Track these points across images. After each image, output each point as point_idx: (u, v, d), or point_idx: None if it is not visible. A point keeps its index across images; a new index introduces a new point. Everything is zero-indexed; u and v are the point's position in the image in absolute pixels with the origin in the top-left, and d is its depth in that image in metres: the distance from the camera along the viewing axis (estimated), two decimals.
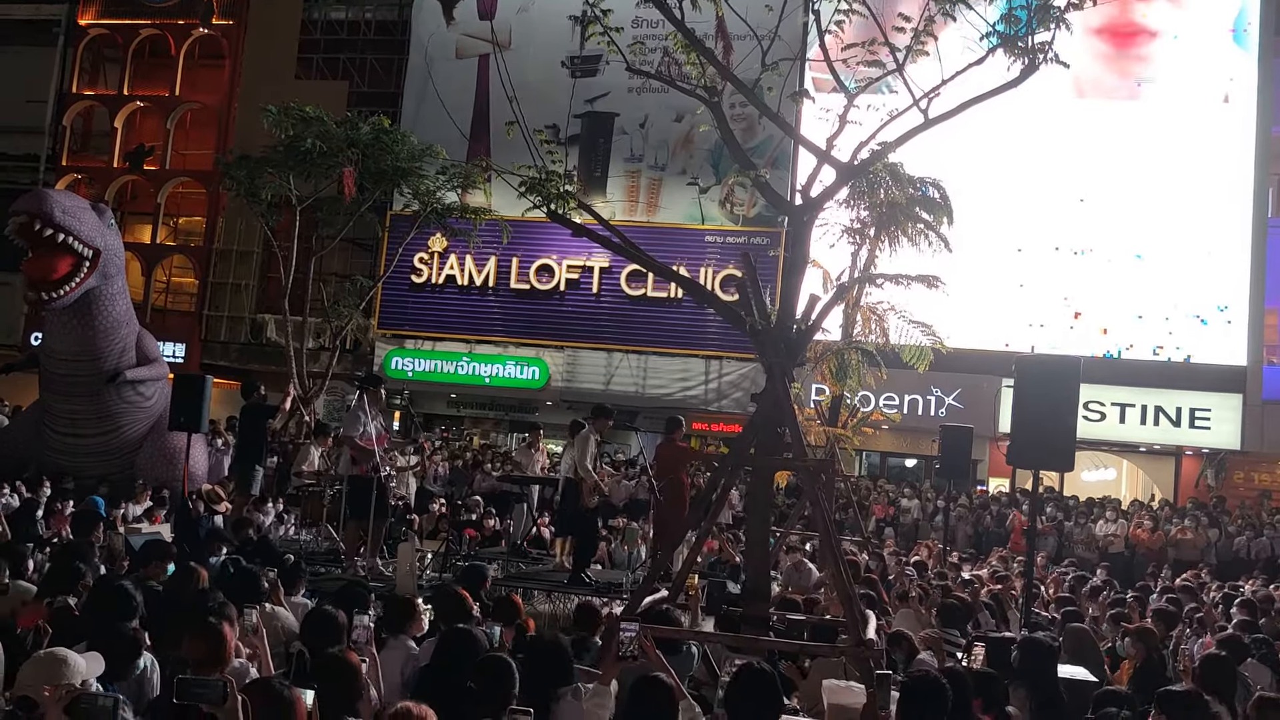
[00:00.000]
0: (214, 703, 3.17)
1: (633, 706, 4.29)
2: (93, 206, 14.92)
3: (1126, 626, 8.84)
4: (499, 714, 3.73)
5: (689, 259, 22.92)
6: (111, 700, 3.14)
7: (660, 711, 4.26)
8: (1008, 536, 18.59)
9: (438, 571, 10.80)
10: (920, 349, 15.73)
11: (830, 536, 6.21)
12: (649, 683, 4.38)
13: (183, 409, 11.75)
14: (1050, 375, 7.51)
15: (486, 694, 4.00)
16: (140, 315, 18.13)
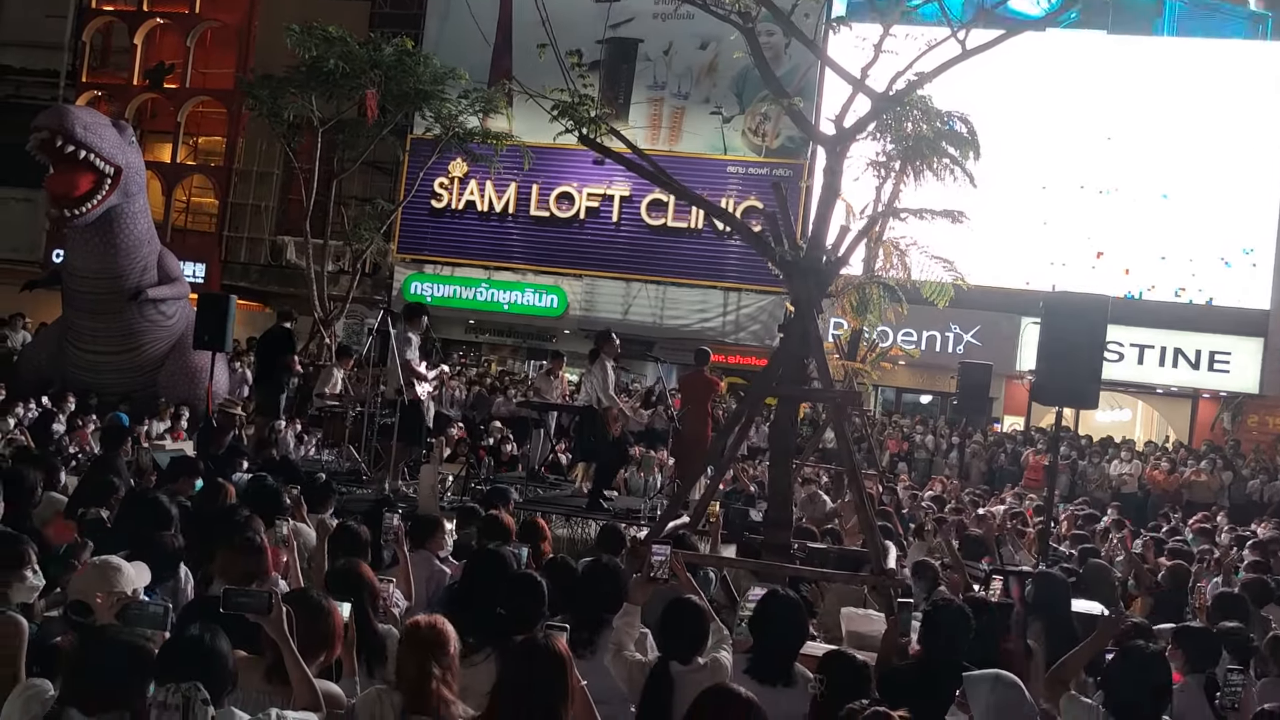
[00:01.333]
0: (260, 612, 3.23)
1: (665, 627, 4.36)
2: (114, 123, 14.88)
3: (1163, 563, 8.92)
4: (531, 629, 3.79)
5: (710, 189, 22.68)
6: (161, 608, 3.21)
7: (692, 632, 4.33)
8: (1021, 474, 18.65)
9: (458, 494, 10.91)
10: (941, 285, 15.63)
11: (854, 468, 6.25)
12: (682, 604, 4.45)
13: (207, 328, 11.82)
14: (1078, 313, 7.47)
15: (518, 611, 4.06)
16: (161, 234, 18.17)
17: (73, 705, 2.78)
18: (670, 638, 4.33)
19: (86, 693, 2.80)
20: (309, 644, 3.42)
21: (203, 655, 2.89)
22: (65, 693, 2.83)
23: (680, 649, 4.32)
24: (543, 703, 3.13)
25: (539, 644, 3.25)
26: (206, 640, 2.95)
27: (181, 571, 5.24)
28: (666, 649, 4.33)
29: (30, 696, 2.92)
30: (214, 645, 2.94)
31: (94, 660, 2.88)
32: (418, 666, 3.32)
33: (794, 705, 4.40)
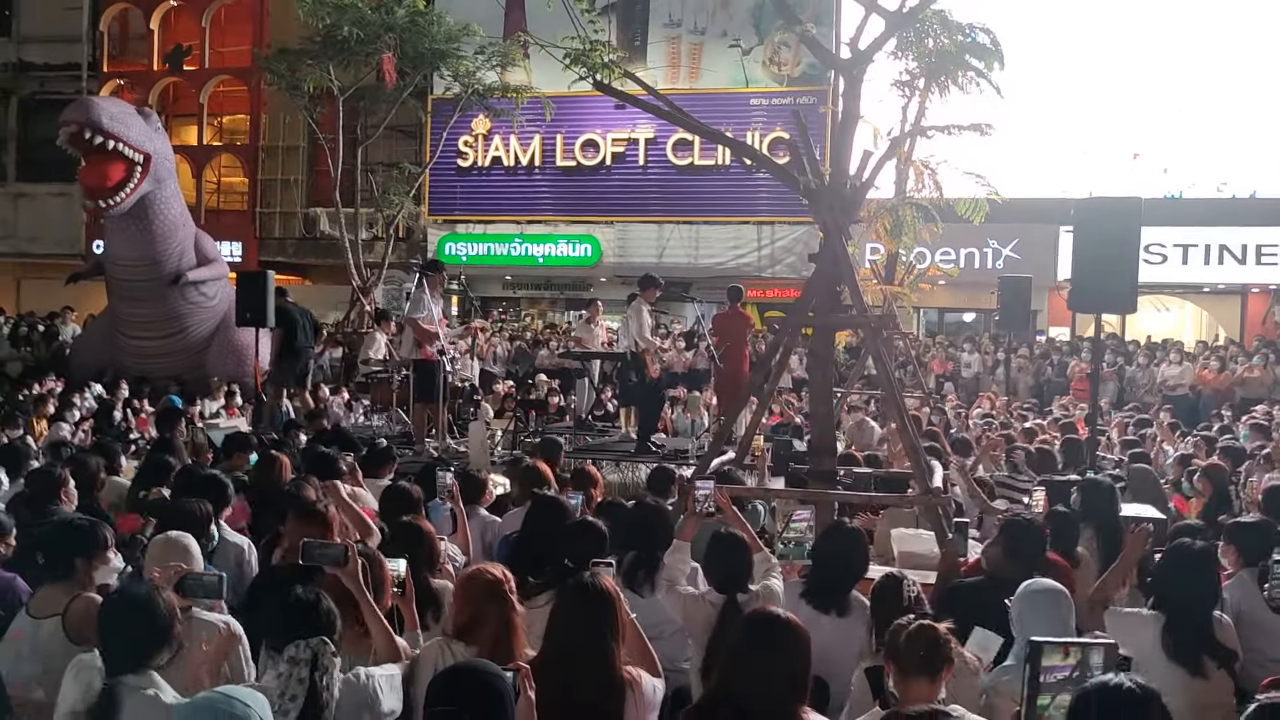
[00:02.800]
0: (337, 563, 3.36)
1: (710, 561, 4.46)
2: (138, 111, 15.05)
3: (1198, 464, 8.88)
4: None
5: (735, 124, 22.45)
6: (216, 577, 3.34)
7: (735, 562, 4.42)
8: (1069, 385, 18.50)
9: (508, 448, 11.07)
10: (975, 201, 15.40)
11: (893, 390, 6.28)
12: (722, 538, 4.54)
13: (248, 305, 11.98)
14: (1110, 217, 7.37)
15: (581, 556, 4.16)
16: (195, 217, 18.38)
17: (114, 670, 2.94)
18: (717, 571, 4.43)
19: (115, 653, 2.96)
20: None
21: (319, 615, 3.04)
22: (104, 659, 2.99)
23: (728, 580, 4.41)
24: (594, 638, 3.23)
25: (587, 582, 3.34)
26: (323, 603, 3.10)
27: (244, 542, 5.43)
28: (718, 583, 4.42)
29: (82, 667, 3.07)
30: (329, 607, 3.09)
31: (110, 621, 3.03)
32: (474, 614, 3.43)
33: (850, 633, 4.49)
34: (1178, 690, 4.05)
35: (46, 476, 5.74)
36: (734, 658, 3.12)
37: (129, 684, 2.94)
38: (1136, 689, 2.46)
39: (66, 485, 5.62)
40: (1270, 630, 4.70)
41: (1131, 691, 2.45)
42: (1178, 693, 4.04)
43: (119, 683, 2.93)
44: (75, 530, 4.00)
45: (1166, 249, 22.14)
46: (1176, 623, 4.13)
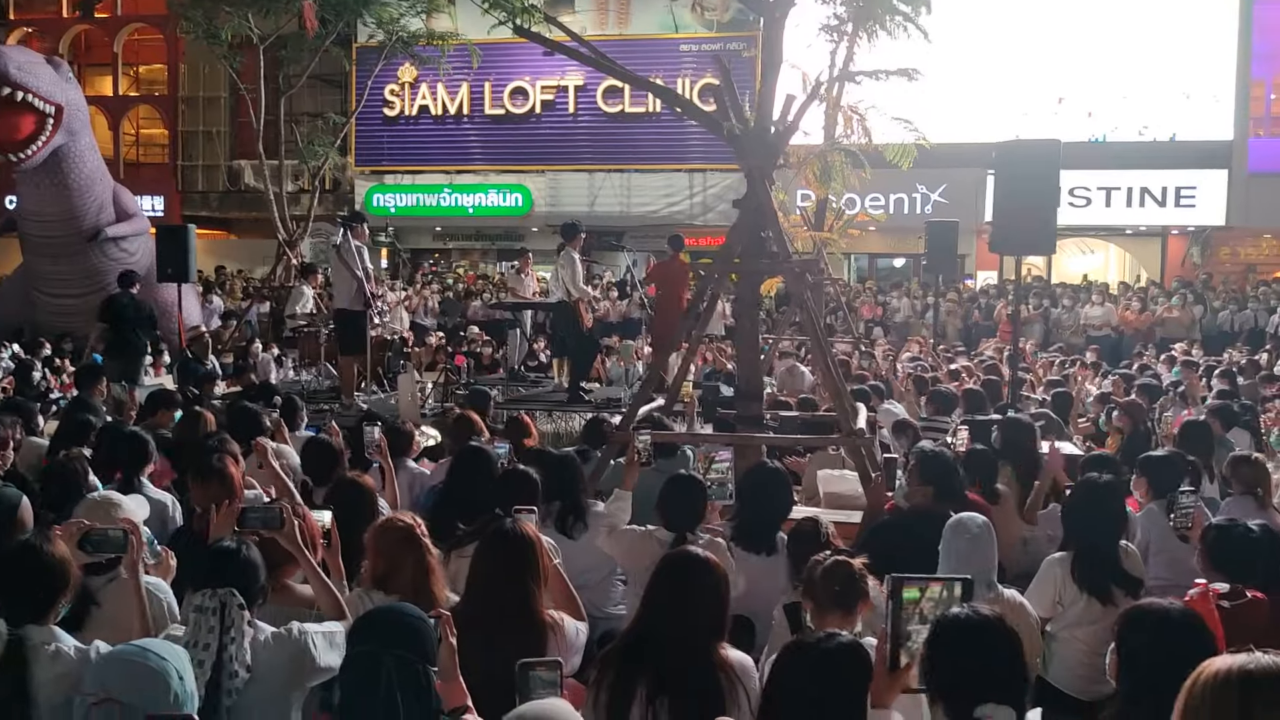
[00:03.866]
0: (274, 527, 3.35)
1: (668, 502, 4.51)
2: (48, 61, 14.57)
3: (1116, 401, 9.12)
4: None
5: (665, 71, 22.27)
6: (121, 532, 3.29)
7: (690, 504, 4.51)
8: (997, 328, 18.84)
9: (439, 400, 11.01)
10: (903, 146, 15.54)
11: (818, 334, 6.34)
12: (681, 479, 4.64)
13: (169, 260, 11.72)
14: (1030, 160, 7.47)
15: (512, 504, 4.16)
16: (113, 171, 17.89)
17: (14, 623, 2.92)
18: (670, 511, 4.47)
19: (13, 605, 2.94)
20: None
21: (237, 565, 3.01)
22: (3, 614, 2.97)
23: (684, 521, 4.45)
24: (514, 583, 3.25)
25: (507, 529, 3.36)
26: (242, 551, 3.07)
27: (167, 498, 5.36)
28: (671, 523, 4.46)
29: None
30: (248, 557, 3.07)
31: (3, 573, 3.00)
32: (391, 560, 3.43)
33: (776, 572, 4.57)
34: (1094, 619, 4.21)
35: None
36: (652, 595, 3.17)
37: (33, 638, 2.91)
38: (976, 615, 2.59)
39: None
40: (1178, 559, 4.86)
41: (971, 618, 2.58)
42: (1093, 622, 4.21)
43: (22, 635, 2.90)
44: None
45: (1091, 192, 22.54)
46: (1084, 555, 4.27)
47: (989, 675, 2.47)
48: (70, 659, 2.89)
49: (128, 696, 2.20)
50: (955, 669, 2.49)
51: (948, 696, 2.49)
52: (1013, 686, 2.49)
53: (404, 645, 2.47)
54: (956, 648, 2.51)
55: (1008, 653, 2.54)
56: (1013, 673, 2.52)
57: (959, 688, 2.47)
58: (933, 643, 2.53)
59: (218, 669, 2.81)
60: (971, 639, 2.52)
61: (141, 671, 2.28)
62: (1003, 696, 2.43)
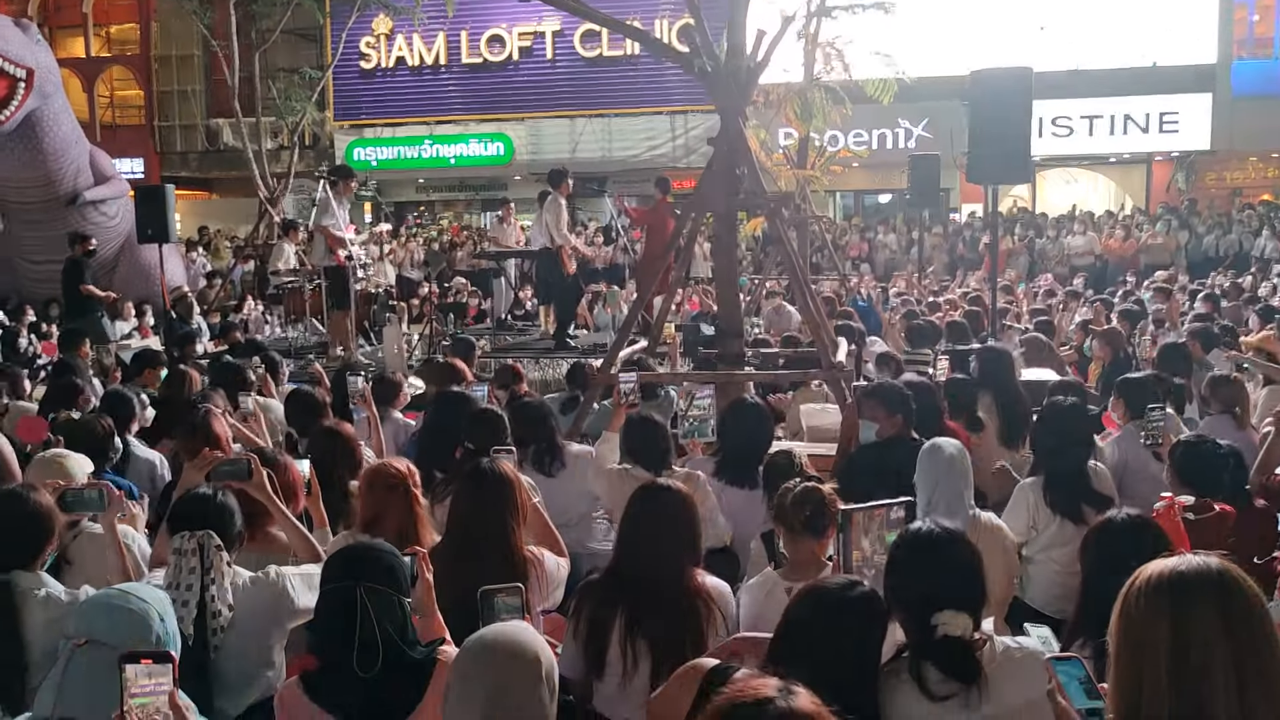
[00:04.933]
0: (243, 479, 3.40)
1: (632, 443, 4.61)
2: (15, 24, 14.37)
3: (1094, 329, 9.19)
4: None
5: (642, 13, 22.03)
6: (98, 491, 3.35)
7: (658, 441, 4.60)
8: (982, 261, 18.87)
9: (425, 352, 11.05)
10: (884, 81, 15.45)
11: (796, 269, 6.37)
12: (643, 421, 4.70)
13: (149, 221, 11.64)
14: (1004, 87, 7.45)
15: (480, 443, 4.23)
16: (89, 134, 17.73)
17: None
18: (640, 452, 4.54)
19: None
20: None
21: (214, 510, 3.08)
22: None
23: (653, 461, 4.52)
24: (493, 520, 3.31)
25: (485, 468, 3.41)
26: (217, 497, 3.14)
27: (155, 457, 5.42)
28: (641, 462, 4.53)
29: None
30: (223, 501, 3.13)
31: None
32: (379, 505, 3.50)
33: (759, 504, 4.64)
34: (1066, 540, 4.30)
35: None
36: (624, 526, 3.27)
37: (20, 584, 2.98)
38: (934, 530, 2.68)
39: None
40: (1153, 477, 4.94)
41: (928, 533, 2.67)
42: (1066, 543, 4.29)
43: (10, 580, 2.98)
44: None
45: (1072, 121, 22.43)
46: (1053, 477, 4.35)
47: (945, 586, 2.53)
48: (62, 602, 2.99)
49: (110, 638, 2.26)
50: (913, 581, 2.56)
51: (907, 608, 2.55)
52: (969, 596, 2.55)
53: (377, 579, 2.52)
54: (913, 561, 2.59)
55: (963, 564, 2.60)
56: (968, 583, 2.57)
57: (917, 599, 2.53)
58: (891, 558, 2.60)
59: (201, 608, 2.88)
60: (927, 552, 2.59)
61: (123, 614, 2.33)
62: (959, 606, 2.50)
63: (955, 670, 2.47)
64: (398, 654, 2.48)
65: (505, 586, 2.62)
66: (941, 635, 2.47)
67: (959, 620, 2.47)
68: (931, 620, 2.47)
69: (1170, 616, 1.83)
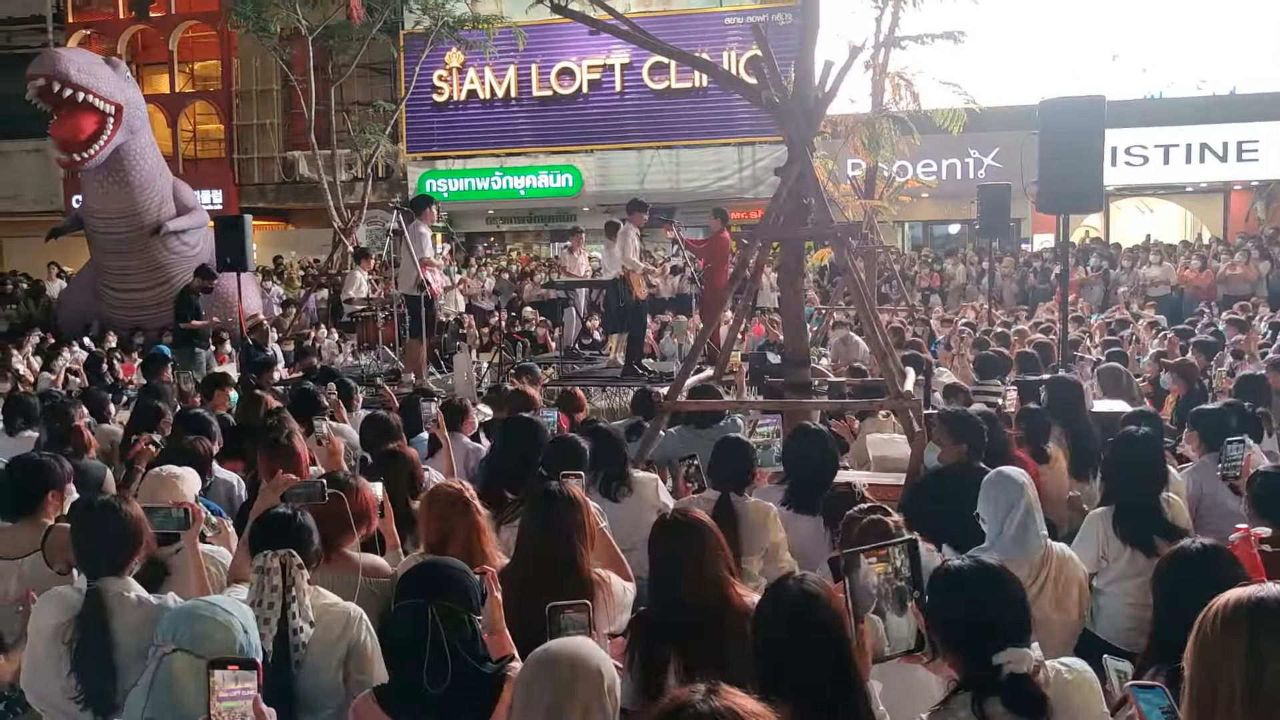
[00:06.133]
0: (318, 500, 3.49)
1: (717, 462, 4.63)
2: (106, 61, 14.92)
3: (1166, 362, 9.02)
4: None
5: (710, 45, 22.19)
6: (183, 510, 3.46)
7: (741, 465, 4.62)
8: (1054, 291, 18.59)
9: (495, 380, 11.18)
10: (953, 111, 15.38)
11: (863, 299, 6.36)
12: (731, 442, 4.77)
13: (227, 250, 12.00)
14: (1075, 116, 7.38)
15: (556, 468, 4.26)
16: (172, 166, 18.29)
17: (93, 575, 3.17)
18: (718, 472, 4.57)
19: (91, 558, 3.19)
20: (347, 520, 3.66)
21: (294, 529, 3.17)
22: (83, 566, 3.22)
23: (731, 482, 4.55)
24: (561, 541, 3.36)
25: (554, 490, 3.47)
26: (297, 517, 3.23)
27: (233, 478, 5.56)
28: (720, 483, 4.56)
29: (58, 592, 3.23)
30: (303, 521, 3.22)
31: (82, 529, 3.26)
32: (439, 525, 3.56)
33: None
34: (1138, 572, 4.22)
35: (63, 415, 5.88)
36: (653, 561, 3.32)
37: (110, 588, 3.12)
38: (978, 564, 2.65)
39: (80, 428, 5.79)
40: (1230, 512, 4.84)
41: (973, 568, 2.63)
42: (1138, 574, 4.21)
43: (101, 586, 3.11)
44: (43, 466, 4.13)
45: (1148, 150, 22.10)
46: (1124, 507, 4.28)
47: (999, 622, 2.49)
48: (151, 604, 3.12)
49: (196, 646, 2.36)
50: (962, 620, 2.51)
51: (959, 647, 2.52)
52: (1023, 628, 2.52)
53: (448, 596, 2.58)
54: (960, 600, 2.54)
55: (1013, 597, 2.56)
56: (1020, 615, 2.54)
57: (970, 638, 2.49)
58: (933, 599, 2.56)
59: (283, 625, 2.97)
60: (973, 588, 2.56)
61: (209, 623, 2.44)
62: (1017, 641, 2.47)
63: (1025, 708, 2.43)
64: (468, 670, 2.54)
65: (572, 603, 2.66)
66: (1008, 674, 2.44)
67: (1025, 656, 2.44)
68: (994, 660, 2.44)
69: (1247, 642, 1.82)
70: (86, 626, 3.05)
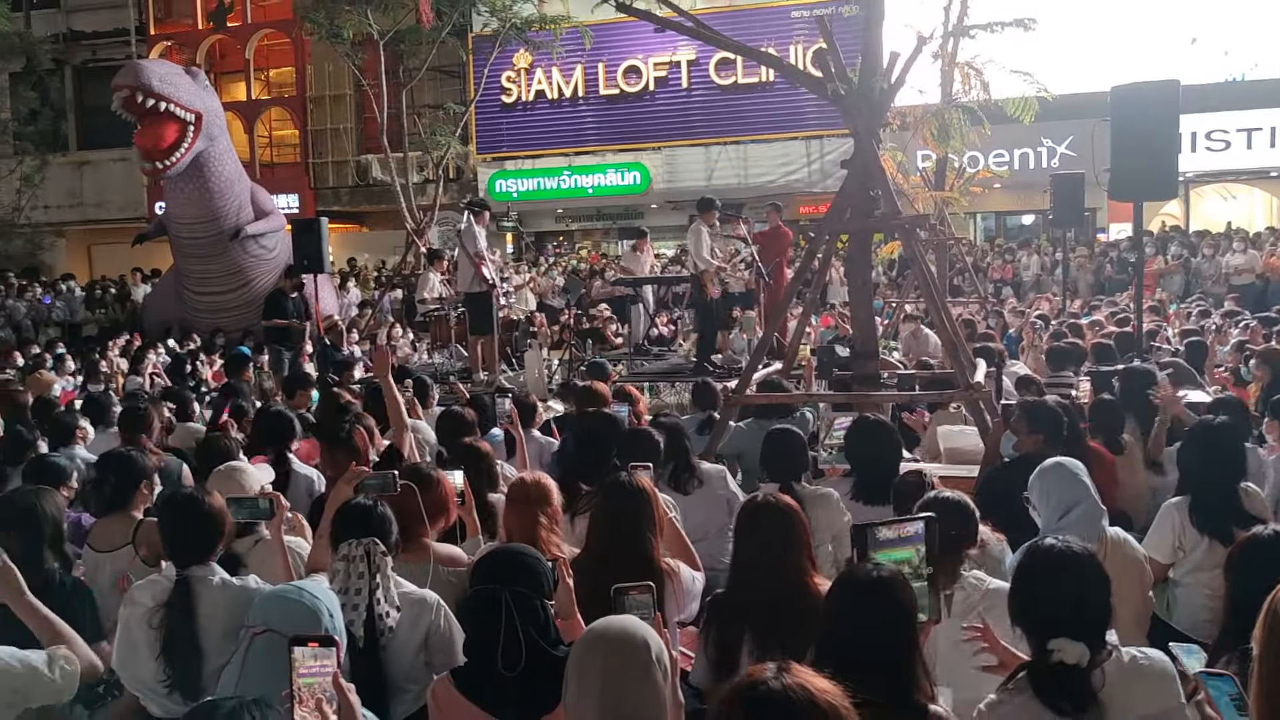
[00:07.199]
0: (390, 491, 3.61)
1: (769, 454, 4.68)
2: (186, 71, 15.36)
3: (1252, 348, 8.81)
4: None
5: (777, 39, 22.12)
6: (268, 501, 3.61)
7: (793, 456, 4.67)
8: (1131, 281, 18.21)
9: (565, 376, 11.30)
10: (1025, 100, 15.13)
11: (933, 291, 6.34)
12: (782, 432, 4.81)
13: (304, 253, 12.27)
14: (1148, 101, 7.26)
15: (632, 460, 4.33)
16: (249, 171, 18.75)
17: (181, 565, 3.33)
18: (771, 463, 4.61)
19: (179, 548, 3.36)
20: (427, 511, 3.76)
21: (376, 519, 3.30)
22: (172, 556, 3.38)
23: (786, 472, 4.58)
24: (631, 531, 3.43)
25: (623, 480, 3.54)
26: (377, 507, 3.36)
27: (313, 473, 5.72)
28: (775, 475, 4.59)
29: (150, 580, 3.41)
30: (383, 512, 3.36)
31: (170, 520, 3.43)
32: (519, 518, 3.65)
33: None
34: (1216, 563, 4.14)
35: (136, 417, 6.11)
36: (736, 545, 3.38)
37: (197, 574, 3.29)
38: (1068, 549, 2.68)
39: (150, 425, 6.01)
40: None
41: (1062, 551, 2.67)
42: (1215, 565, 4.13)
43: (189, 574, 3.27)
44: (131, 460, 4.34)
45: (1229, 135, 21.51)
46: (1200, 497, 4.22)
47: (1065, 610, 2.56)
48: (235, 587, 3.28)
49: (284, 627, 2.48)
50: (1035, 602, 2.60)
51: (1029, 628, 2.60)
52: (1089, 621, 2.57)
53: (521, 582, 2.67)
54: (1038, 581, 2.62)
55: (1086, 588, 2.60)
56: (1089, 607, 2.58)
57: (1038, 621, 2.58)
58: (1017, 575, 2.63)
59: (369, 611, 3.09)
60: (1055, 572, 2.61)
61: (297, 606, 2.59)
62: (1077, 632, 2.51)
63: (1066, 697, 2.49)
64: (540, 653, 2.63)
65: (636, 585, 2.72)
66: (1055, 661, 2.51)
67: (1074, 649, 2.49)
68: (1048, 645, 2.51)
69: None
70: (175, 613, 3.21)
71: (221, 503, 3.44)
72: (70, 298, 21.00)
